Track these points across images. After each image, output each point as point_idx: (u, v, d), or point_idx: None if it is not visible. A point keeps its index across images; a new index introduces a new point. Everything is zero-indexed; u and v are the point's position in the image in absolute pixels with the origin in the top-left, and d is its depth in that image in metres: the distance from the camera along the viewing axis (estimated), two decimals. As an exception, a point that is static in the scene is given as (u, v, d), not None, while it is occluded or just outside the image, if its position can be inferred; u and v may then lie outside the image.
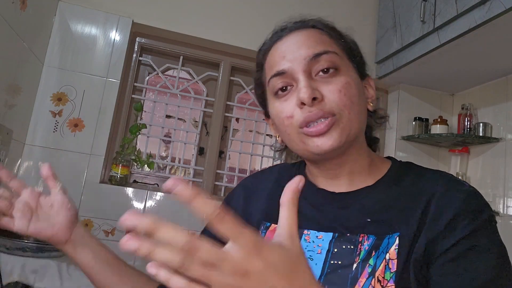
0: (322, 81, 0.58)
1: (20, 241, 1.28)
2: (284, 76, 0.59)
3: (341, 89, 0.57)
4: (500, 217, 1.73)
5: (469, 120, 1.90)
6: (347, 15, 2.06)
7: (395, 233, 0.55)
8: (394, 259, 0.53)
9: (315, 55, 0.58)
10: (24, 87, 1.49)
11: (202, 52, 1.93)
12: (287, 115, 0.59)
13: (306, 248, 0.60)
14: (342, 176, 0.63)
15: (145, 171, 1.86)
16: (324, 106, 0.56)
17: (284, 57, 0.60)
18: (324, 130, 0.56)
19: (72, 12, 1.68)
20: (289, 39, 0.62)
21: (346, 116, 0.57)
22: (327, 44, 0.61)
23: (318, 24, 0.65)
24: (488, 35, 1.45)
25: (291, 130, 0.60)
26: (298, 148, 0.61)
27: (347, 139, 0.58)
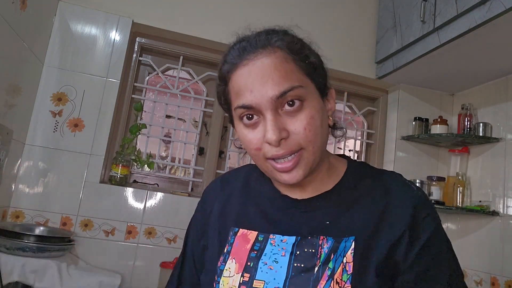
0: (288, 116, 0.60)
1: (20, 241, 1.28)
2: (251, 110, 0.61)
3: (306, 126, 0.59)
4: (500, 217, 1.73)
5: (469, 120, 1.90)
6: (347, 15, 2.06)
7: (351, 236, 0.61)
8: (350, 262, 0.59)
9: (281, 93, 0.59)
10: (24, 87, 1.49)
11: (202, 52, 1.93)
12: (255, 147, 0.62)
13: (271, 251, 0.63)
14: (303, 185, 0.68)
15: (145, 171, 1.86)
16: (291, 143, 0.60)
17: (251, 91, 0.60)
18: (291, 168, 0.60)
19: (72, 12, 1.68)
20: (254, 68, 0.61)
21: (310, 150, 0.61)
22: (292, 75, 0.61)
23: (280, 44, 0.63)
24: (488, 35, 1.45)
25: (259, 158, 0.63)
26: (265, 171, 0.65)
27: (310, 170, 0.63)
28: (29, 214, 1.54)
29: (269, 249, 0.63)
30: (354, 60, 2.03)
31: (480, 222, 1.82)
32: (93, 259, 1.57)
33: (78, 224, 1.59)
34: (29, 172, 1.56)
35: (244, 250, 0.64)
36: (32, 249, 1.28)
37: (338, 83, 2.04)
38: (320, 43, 2.16)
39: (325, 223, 0.63)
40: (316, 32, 2.32)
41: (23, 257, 1.27)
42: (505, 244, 1.68)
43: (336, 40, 2.02)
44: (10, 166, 1.46)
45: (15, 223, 1.50)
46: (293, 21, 2.18)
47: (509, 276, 1.63)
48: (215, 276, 0.65)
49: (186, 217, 1.80)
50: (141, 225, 1.67)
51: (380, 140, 2.14)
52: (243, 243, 0.65)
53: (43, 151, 1.58)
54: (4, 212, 1.50)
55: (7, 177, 1.46)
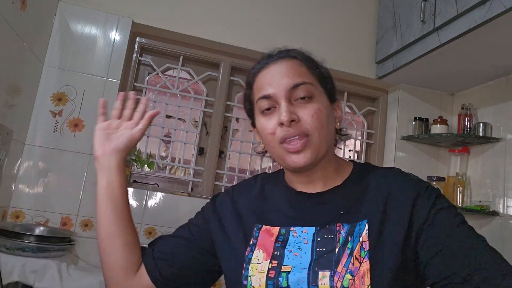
0: (299, 106, 0.72)
1: (20, 241, 1.28)
2: (269, 99, 0.73)
3: (313, 114, 0.71)
4: (500, 217, 1.73)
5: (469, 120, 1.90)
6: (347, 15, 2.06)
7: (364, 220, 0.70)
8: (366, 241, 0.67)
9: (294, 85, 0.72)
10: (24, 87, 1.49)
11: (202, 52, 1.93)
12: (270, 131, 0.73)
13: (294, 241, 0.72)
14: (315, 181, 0.78)
15: (145, 171, 1.86)
16: (300, 127, 0.71)
17: (270, 84, 0.74)
18: (300, 149, 0.71)
19: (72, 12, 1.68)
20: (274, 68, 0.76)
21: (317, 137, 0.71)
22: (304, 75, 0.74)
23: (298, 56, 0.78)
24: (488, 35, 1.45)
25: (273, 143, 0.74)
26: (278, 158, 0.76)
27: (317, 156, 0.72)
28: (29, 214, 1.54)
29: (292, 240, 0.72)
30: (354, 60, 2.03)
31: (480, 222, 1.82)
32: (93, 259, 1.57)
33: (78, 224, 1.59)
34: (29, 172, 1.56)
35: (270, 242, 0.73)
36: (32, 249, 1.28)
37: (338, 83, 2.01)
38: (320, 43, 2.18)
39: (339, 213, 0.72)
40: (316, 32, 2.34)
41: (23, 257, 1.27)
42: (505, 244, 1.68)
43: (336, 40, 2.02)
44: (10, 166, 1.46)
45: (15, 223, 1.50)
46: (293, 21, 2.19)
47: (509, 276, 1.63)
48: (243, 264, 0.73)
49: (186, 217, 1.80)
50: (141, 225, 1.67)
51: (380, 140, 2.14)
52: (268, 236, 0.74)
53: (43, 151, 1.58)
54: (4, 212, 1.50)
55: (7, 177, 1.46)
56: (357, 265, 0.65)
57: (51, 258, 1.33)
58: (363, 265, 0.65)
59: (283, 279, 0.68)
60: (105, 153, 0.81)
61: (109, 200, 0.79)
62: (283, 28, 1.94)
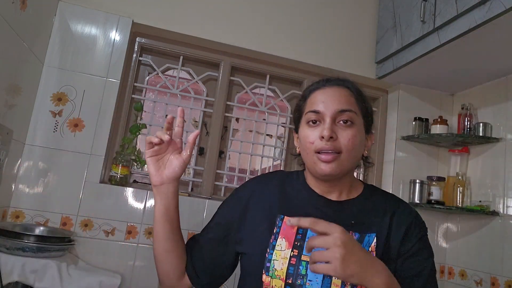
0: (340, 128, 0.86)
1: (20, 241, 1.28)
2: (318, 114, 0.87)
3: (350, 138, 0.85)
4: (500, 217, 1.73)
5: (469, 120, 1.90)
6: (347, 15, 2.06)
7: (373, 233, 0.85)
8: (373, 251, 0.83)
9: (341, 109, 0.86)
10: (24, 87, 1.49)
11: (202, 52, 1.93)
12: (311, 141, 0.87)
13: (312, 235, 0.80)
14: (333, 192, 0.92)
15: (145, 171, 1.86)
16: (335, 145, 0.84)
17: (323, 102, 0.87)
18: (330, 160, 0.84)
19: (72, 12, 1.68)
20: (330, 91, 0.89)
21: (346, 156, 0.85)
22: (351, 104, 0.88)
23: (351, 87, 0.91)
24: (488, 35, 1.45)
25: (310, 151, 0.87)
26: (310, 163, 0.88)
27: (341, 171, 0.86)
28: (29, 214, 1.54)
29: (310, 234, 0.84)
30: (354, 60, 2.03)
31: (480, 222, 1.82)
32: (93, 259, 1.57)
33: (78, 224, 1.59)
34: (29, 172, 1.56)
35: (292, 233, 0.86)
36: (32, 249, 1.28)
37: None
38: (320, 43, 2.18)
39: (351, 222, 0.87)
40: (316, 32, 2.34)
41: (23, 257, 1.27)
42: (505, 244, 1.68)
43: (336, 40, 2.02)
44: (10, 166, 1.46)
45: (15, 223, 1.50)
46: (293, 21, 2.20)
47: (509, 276, 1.63)
48: (267, 249, 0.85)
49: (186, 217, 1.80)
50: (141, 225, 1.67)
51: (380, 140, 2.14)
52: (290, 228, 0.87)
53: (43, 151, 1.58)
54: (4, 212, 1.50)
55: (7, 177, 1.46)
56: None
57: (51, 258, 1.33)
58: None
59: (303, 267, 0.82)
60: (163, 181, 0.90)
61: (166, 222, 0.92)
62: (283, 28, 1.94)
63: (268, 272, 0.83)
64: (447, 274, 1.96)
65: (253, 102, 2.04)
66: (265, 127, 2.07)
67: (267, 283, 0.83)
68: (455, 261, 1.94)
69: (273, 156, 2.08)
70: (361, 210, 0.89)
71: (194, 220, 1.72)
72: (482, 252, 1.79)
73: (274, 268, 0.83)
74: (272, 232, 0.87)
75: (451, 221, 2.01)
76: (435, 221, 2.01)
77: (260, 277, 0.84)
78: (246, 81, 2.03)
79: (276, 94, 2.08)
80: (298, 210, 0.90)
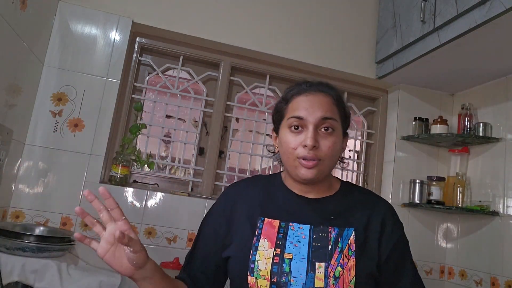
0: (322, 135, 0.89)
1: (20, 241, 1.28)
2: (301, 120, 0.89)
3: (330, 146, 0.89)
4: (500, 217, 1.73)
5: (469, 120, 1.90)
6: (347, 15, 2.06)
7: (351, 227, 0.90)
8: (353, 243, 0.88)
9: (324, 117, 0.89)
10: (24, 87, 1.49)
11: (202, 52, 1.93)
12: (293, 147, 0.89)
13: (293, 234, 0.88)
14: (311, 191, 0.95)
15: (145, 171, 1.86)
16: (317, 153, 0.87)
17: (306, 109, 0.89)
18: (311, 166, 0.88)
19: (72, 12, 1.68)
20: (313, 97, 0.91)
21: (326, 163, 0.89)
22: (333, 112, 0.91)
23: (334, 95, 0.93)
24: (488, 35, 1.45)
25: (291, 156, 0.90)
26: (290, 167, 0.91)
27: (320, 176, 0.90)
28: (29, 214, 1.54)
29: (291, 233, 0.89)
30: (354, 60, 2.03)
31: (480, 222, 1.82)
32: (93, 259, 1.57)
33: (78, 224, 1.59)
34: (29, 172, 1.56)
35: (273, 233, 0.89)
36: (32, 249, 1.28)
37: (338, 83, 2.03)
38: (320, 43, 2.18)
39: (330, 217, 0.91)
40: (316, 32, 2.33)
41: (23, 257, 1.27)
42: (505, 244, 1.68)
43: (336, 40, 2.02)
44: (10, 166, 1.46)
45: (15, 223, 1.50)
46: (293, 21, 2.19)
47: (509, 276, 1.63)
48: (250, 251, 0.87)
49: (186, 217, 1.80)
50: (141, 225, 1.67)
51: (380, 140, 2.14)
52: (270, 228, 0.90)
53: (43, 151, 1.58)
54: (4, 212, 1.50)
55: (7, 177, 1.46)
56: (346, 261, 0.85)
57: (51, 258, 1.33)
58: (350, 261, 0.85)
59: (286, 265, 0.85)
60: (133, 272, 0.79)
61: None
62: (283, 28, 1.94)
63: (253, 273, 0.85)
64: (447, 274, 1.96)
65: (253, 102, 2.04)
66: (265, 127, 2.07)
67: (252, 284, 0.85)
68: (455, 261, 1.94)
69: (273, 156, 2.08)
70: (338, 206, 0.94)
71: (194, 220, 1.72)
72: (482, 252, 1.79)
73: (258, 269, 0.85)
74: (254, 234, 0.90)
75: (451, 221, 2.01)
76: (435, 221, 2.01)
77: (246, 279, 0.86)
78: (246, 81, 2.03)
79: (276, 94, 2.08)
80: (279, 210, 0.93)
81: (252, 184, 1.02)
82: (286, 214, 0.92)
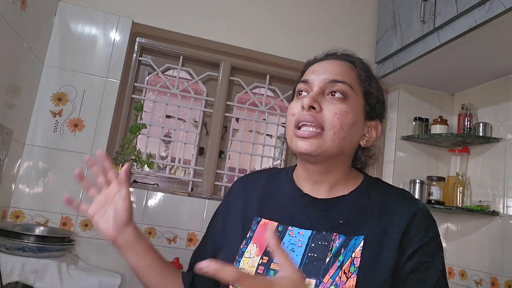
0: (328, 100, 0.72)
1: (20, 241, 1.28)
2: (306, 84, 0.76)
3: (337, 113, 0.70)
4: (500, 217, 1.73)
5: (469, 120, 1.90)
6: (347, 15, 2.06)
7: (361, 235, 0.69)
8: (358, 257, 0.67)
9: (332, 80, 0.73)
10: (24, 87, 1.49)
11: (202, 52, 1.93)
12: (292, 112, 0.74)
13: (289, 241, 0.72)
14: (323, 184, 0.77)
15: (145, 171, 1.86)
16: (318, 117, 0.70)
17: (314, 72, 0.76)
18: (306, 136, 0.70)
19: (72, 12, 1.68)
20: (326, 62, 0.78)
21: (330, 135, 0.70)
22: (348, 77, 0.74)
23: (356, 62, 0.78)
24: (488, 35, 1.45)
25: (290, 125, 0.74)
26: (289, 141, 0.75)
27: (322, 151, 0.71)
28: (29, 214, 1.54)
29: (287, 239, 0.73)
30: (354, 60, 2.03)
31: (480, 222, 1.82)
32: (93, 259, 1.57)
33: (78, 224, 1.59)
34: (29, 172, 1.56)
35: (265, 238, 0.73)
36: (32, 249, 1.28)
37: (338, 83, 2.03)
38: (320, 43, 2.19)
39: (339, 222, 0.72)
40: (316, 32, 2.33)
41: (23, 257, 1.27)
42: (505, 244, 1.68)
43: (336, 40, 2.02)
44: (10, 166, 1.46)
45: (15, 223, 1.50)
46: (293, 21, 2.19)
47: (509, 276, 1.63)
48: (235, 256, 0.74)
49: (186, 217, 1.80)
50: (141, 225, 1.67)
51: (380, 140, 2.14)
52: (264, 231, 0.75)
53: (43, 151, 1.58)
54: (4, 212, 1.50)
55: (7, 177, 1.46)
56: (344, 279, 0.65)
57: (51, 258, 1.33)
58: (349, 280, 0.65)
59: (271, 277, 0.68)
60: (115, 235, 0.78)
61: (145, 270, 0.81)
62: (283, 28, 1.94)
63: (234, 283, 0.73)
64: (447, 274, 1.96)
65: (253, 102, 2.04)
66: (265, 127, 2.07)
67: None
68: (455, 261, 1.94)
69: (273, 156, 2.08)
70: (351, 208, 0.74)
71: (194, 220, 1.73)
72: (482, 252, 1.79)
73: None
74: (244, 237, 0.76)
75: (451, 221, 2.01)
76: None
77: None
78: (246, 81, 2.03)
79: (276, 94, 2.08)
80: (279, 211, 0.78)
81: (258, 177, 0.87)
82: (287, 216, 0.76)
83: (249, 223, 0.78)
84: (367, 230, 0.70)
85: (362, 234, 0.69)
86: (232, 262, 0.73)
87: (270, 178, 0.85)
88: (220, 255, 0.79)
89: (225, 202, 0.88)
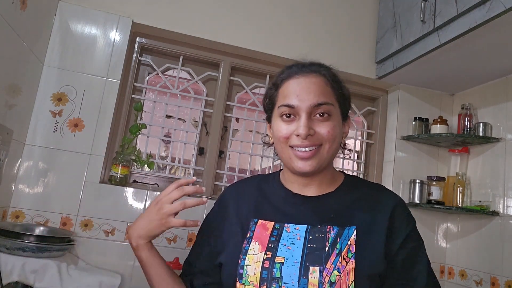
0: (317, 122, 0.81)
1: (20, 241, 1.28)
2: (292, 109, 0.82)
3: (329, 130, 0.81)
4: (500, 217, 1.73)
5: (469, 120, 1.90)
6: (347, 15, 2.06)
7: (352, 226, 0.80)
8: (353, 245, 0.78)
9: (318, 103, 0.81)
10: (24, 87, 1.49)
11: (202, 52, 1.93)
12: (285, 136, 0.82)
13: (288, 236, 0.81)
14: (312, 185, 0.87)
15: (145, 171, 1.86)
16: (315, 140, 0.80)
17: (297, 95, 0.81)
18: (308, 157, 0.80)
19: (72, 12, 1.68)
20: (304, 81, 0.83)
21: (327, 148, 0.81)
22: (328, 95, 0.83)
23: (327, 74, 0.86)
24: (488, 35, 1.45)
25: (284, 145, 0.83)
26: (285, 158, 0.84)
27: (321, 166, 0.82)
28: (29, 214, 1.54)
29: (286, 235, 0.81)
30: (354, 60, 2.03)
31: (480, 222, 1.82)
32: (93, 259, 1.57)
33: (78, 224, 1.59)
34: (29, 172, 1.56)
35: (265, 235, 0.82)
36: (32, 249, 1.28)
37: (338, 83, 2.03)
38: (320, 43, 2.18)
39: (330, 216, 0.82)
40: (316, 32, 2.33)
41: (23, 257, 1.27)
42: (505, 244, 1.68)
43: (336, 40, 2.02)
44: (10, 166, 1.46)
45: (15, 223, 1.50)
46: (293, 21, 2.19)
47: (509, 276, 1.63)
48: (240, 255, 0.81)
49: (186, 217, 1.79)
50: (141, 225, 1.67)
51: (380, 140, 2.14)
52: (263, 231, 0.83)
53: (43, 151, 1.58)
54: (4, 212, 1.50)
55: (7, 177, 1.46)
56: (344, 264, 0.76)
57: (51, 258, 1.33)
58: (349, 264, 0.76)
59: (277, 270, 0.77)
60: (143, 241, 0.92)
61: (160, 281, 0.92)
62: (283, 28, 1.94)
63: (242, 279, 0.79)
64: (447, 274, 1.96)
65: (253, 102, 2.04)
66: (265, 127, 2.06)
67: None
68: (455, 261, 1.94)
69: (273, 156, 2.08)
70: (340, 203, 0.85)
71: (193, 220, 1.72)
72: (482, 252, 1.79)
73: (247, 274, 0.78)
74: (245, 237, 0.84)
75: (451, 221, 2.01)
76: (435, 221, 2.01)
77: (235, 285, 0.80)
78: (246, 81, 2.03)
79: (276, 94, 2.08)
80: (274, 211, 0.86)
81: (248, 184, 0.96)
82: (282, 214, 0.85)
83: (247, 225, 0.86)
84: (357, 221, 0.81)
85: (354, 225, 0.80)
86: (237, 260, 0.81)
87: (259, 183, 0.94)
88: (223, 255, 0.86)
89: (217, 209, 0.96)
